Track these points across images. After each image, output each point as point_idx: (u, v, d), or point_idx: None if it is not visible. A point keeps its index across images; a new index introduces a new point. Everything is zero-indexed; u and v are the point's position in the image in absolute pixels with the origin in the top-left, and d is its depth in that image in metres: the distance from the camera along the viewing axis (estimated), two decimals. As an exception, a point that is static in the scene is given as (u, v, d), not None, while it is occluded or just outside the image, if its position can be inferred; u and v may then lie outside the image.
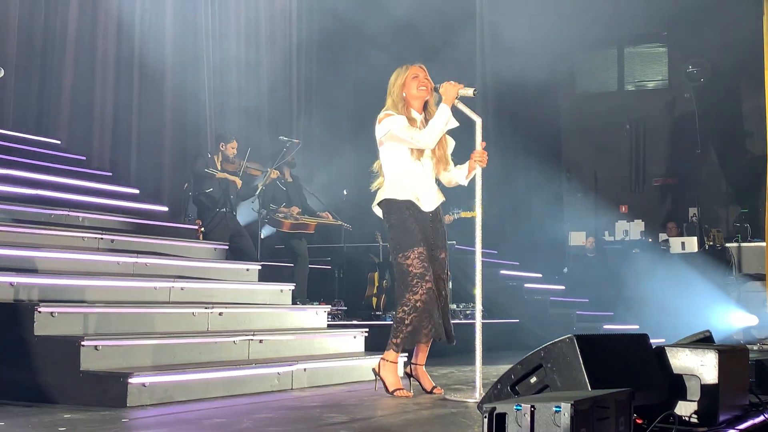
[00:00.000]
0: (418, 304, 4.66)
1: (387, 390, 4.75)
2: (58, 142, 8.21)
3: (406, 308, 4.67)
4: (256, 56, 11.13)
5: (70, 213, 6.36)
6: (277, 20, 11.60)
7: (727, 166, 14.50)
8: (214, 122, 10.11)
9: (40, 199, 6.44)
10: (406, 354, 5.03)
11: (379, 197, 4.84)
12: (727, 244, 12.20)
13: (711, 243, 12.44)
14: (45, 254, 5.36)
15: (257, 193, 8.42)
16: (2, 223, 5.60)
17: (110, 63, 9.09)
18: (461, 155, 4.94)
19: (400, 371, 4.97)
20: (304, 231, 8.71)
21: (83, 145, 8.59)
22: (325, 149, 11.39)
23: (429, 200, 4.81)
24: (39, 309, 4.47)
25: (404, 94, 4.82)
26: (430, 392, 4.85)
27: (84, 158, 8.20)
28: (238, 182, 8.25)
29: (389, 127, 4.74)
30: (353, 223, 9.22)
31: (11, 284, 4.71)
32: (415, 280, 4.67)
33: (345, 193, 10.00)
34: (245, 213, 8.95)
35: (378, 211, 4.91)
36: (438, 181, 4.94)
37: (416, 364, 4.92)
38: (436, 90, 4.85)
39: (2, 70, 5.09)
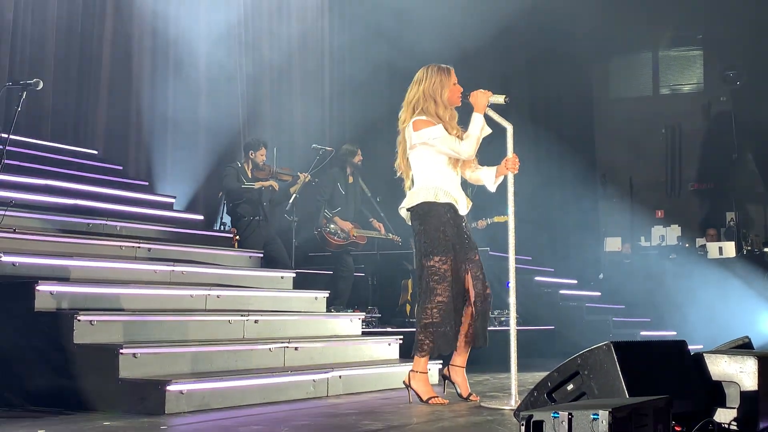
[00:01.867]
0: (449, 307, 4.65)
1: (421, 399, 4.74)
2: (96, 152, 8.32)
3: (436, 312, 4.65)
4: (288, 64, 11.20)
5: (108, 222, 6.44)
6: (309, 28, 11.66)
7: (764, 169, 14.32)
8: (248, 131, 10.18)
9: (78, 209, 6.52)
10: (441, 362, 5.02)
11: (413, 200, 4.82)
12: (766, 249, 12.03)
13: (749, 248, 12.29)
14: (83, 263, 5.43)
15: (291, 199, 8.41)
16: (42, 232, 5.69)
17: (145, 74, 9.20)
18: (494, 162, 4.93)
19: (432, 380, 4.95)
20: (352, 248, 8.65)
21: (120, 155, 8.70)
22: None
23: (463, 204, 4.84)
24: (78, 317, 4.53)
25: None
26: (466, 399, 4.82)
27: (121, 168, 8.31)
28: (275, 185, 8.25)
29: (427, 138, 4.73)
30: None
31: (51, 293, 4.78)
32: (447, 285, 4.67)
33: (378, 200, 10.00)
34: (279, 220, 8.98)
35: (405, 214, 4.91)
36: (462, 179, 4.95)
37: (455, 366, 4.88)
38: (465, 97, 4.85)
39: (41, 82, 5.17)
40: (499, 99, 4.79)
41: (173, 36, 9.48)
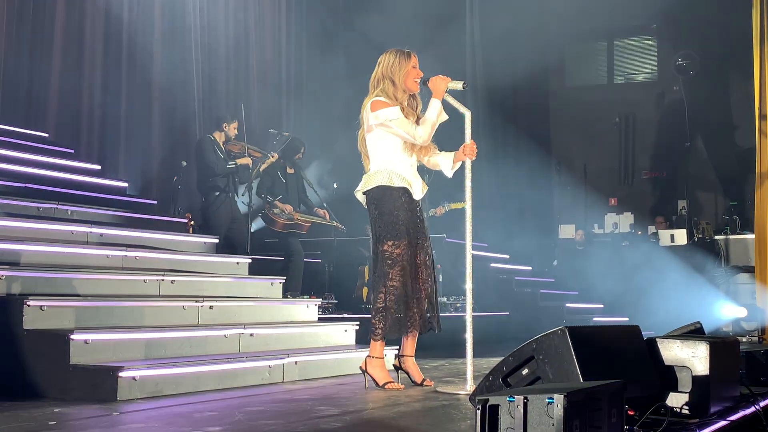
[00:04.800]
0: (400, 291, 4.66)
1: (377, 384, 4.75)
2: (46, 134, 8.16)
3: (389, 296, 4.66)
4: (245, 46, 11.10)
5: (59, 206, 6.33)
6: (266, 9, 11.56)
7: (715, 158, 14.55)
8: (203, 115, 10.07)
9: (29, 193, 6.40)
10: (397, 348, 5.03)
11: (369, 183, 4.82)
12: (716, 237, 12.22)
13: (700, 235, 12.47)
14: (34, 248, 5.33)
15: (254, 175, 8.35)
16: (-10, 216, 5.57)
17: (98, 55, 9.04)
18: (451, 149, 4.94)
19: (388, 365, 4.96)
20: (297, 231, 8.64)
21: (71, 138, 8.55)
22: (315, 142, 11.36)
23: (418, 189, 4.85)
24: (28, 303, 4.44)
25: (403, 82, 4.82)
26: (420, 384, 4.85)
27: (72, 151, 8.16)
28: (250, 162, 8.19)
29: (384, 119, 4.73)
30: (343, 216, 9.19)
31: (0, 278, 4.68)
32: (400, 269, 4.67)
33: (335, 186, 9.98)
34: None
35: (361, 197, 4.90)
36: (420, 165, 4.96)
37: (405, 356, 4.92)
38: (424, 83, 4.85)
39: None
40: (458, 85, 4.79)
41: (127, 17, 9.33)
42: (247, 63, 11.10)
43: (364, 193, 4.87)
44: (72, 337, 4.28)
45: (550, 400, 2.58)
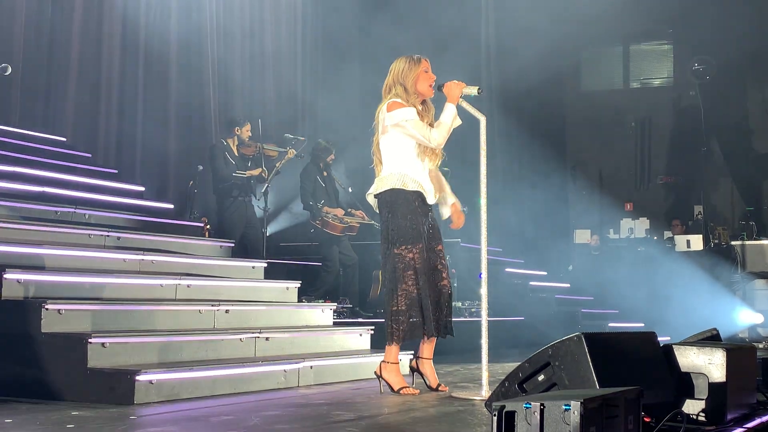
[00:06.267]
0: (414, 295, 4.66)
1: (392, 389, 4.75)
2: (64, 139, 8.21)
3: (404, 299, 4.65)
4: (260, 51, 11.14)
5: (77, 210, 6.37)
6: (282, 15, 11.61)
7: (732, 163, 14.47)
8: (218, 120, 10.12)
9: (47, 197, 6.44)
10: (413, 351, 5.03)
11: (381, 186, 4.81)
12: (733, 242, 12.17)
13: (716, 241, 12.42)
14: (51, 251, 5.37)
15: (272, 174, 8.38)
16: (9, 220, 5.61)
17: (115, 60, 9.10)
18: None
19: (403, 370, 4.96)
20: (350, 234, 8.69)
21: (89, 143, 8.60)
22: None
23: (431, 193, 4.86)
24: (46, 306, 4.47)
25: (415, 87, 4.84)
26: (436, 389, 4.84)
27: (90, 155, 8.21)
28: (265, 173, 8.23)
29: (400, 119, 4.73)
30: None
31: (18, 281, 4.72)
32: (414, 273, 4.67)
33: (350, 190, 9.99)
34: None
35: (372, 201, 4.91)
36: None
37: (422, 358, 4.91)
38: (439, 89, 4.85)
39: (9, 68, 5.09)
40: (473, 90, 4.79)
41: (143, 23, 9.38)
42: (263, 69, 11.13)
43: (376, 196, 4.87)
44: (90, 340, 4.31)
45: (567, 407, 2.58)
